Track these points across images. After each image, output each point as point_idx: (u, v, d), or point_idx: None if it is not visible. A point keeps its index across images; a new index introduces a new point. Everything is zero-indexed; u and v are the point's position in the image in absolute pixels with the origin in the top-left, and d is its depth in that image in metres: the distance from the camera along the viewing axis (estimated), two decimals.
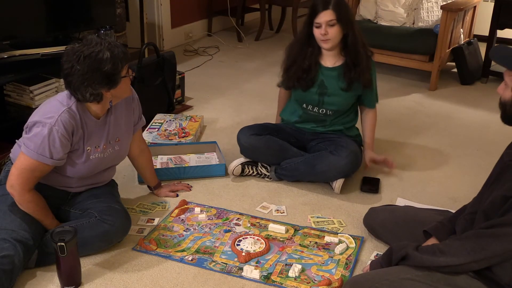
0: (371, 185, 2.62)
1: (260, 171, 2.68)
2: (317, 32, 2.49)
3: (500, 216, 1.58)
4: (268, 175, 2.67)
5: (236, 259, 2.08)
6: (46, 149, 1.91)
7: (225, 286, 1.94)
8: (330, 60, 2.59)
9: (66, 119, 1.93)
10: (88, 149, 2.06)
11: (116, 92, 2.00)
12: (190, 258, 2.08)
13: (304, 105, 2.66)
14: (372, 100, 2.70)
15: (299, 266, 2.01)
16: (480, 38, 4.48)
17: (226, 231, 2.26)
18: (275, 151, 2.62)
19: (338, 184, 2.53)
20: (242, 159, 2.70)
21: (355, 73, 2.54)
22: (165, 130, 3.11)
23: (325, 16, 2.45)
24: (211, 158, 2.88)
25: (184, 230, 2.27)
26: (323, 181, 2.62)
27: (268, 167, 2.67)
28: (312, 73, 2.57)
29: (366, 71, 2.56)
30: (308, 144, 2.70)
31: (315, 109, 2.64)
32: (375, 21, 4.35)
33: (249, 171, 2.69)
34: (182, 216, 2.37)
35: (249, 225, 2.31)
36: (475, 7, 4.25)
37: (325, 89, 2.59)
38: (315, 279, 1.98)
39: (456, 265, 1.59)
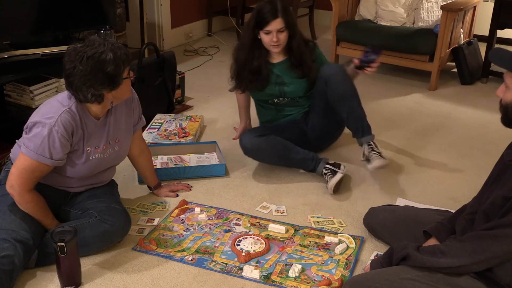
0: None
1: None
2: (267, 38, 2.61)
3: (501, 217, 1.57)
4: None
5: (236, 259, 2.08)
6: (46, 150, 1.91)
7: (225, 286, 1.94)
8: (276, 57, 2.73)
9: (66, 120, 1.93)
10: (88, 149, 2.06)
11: (117, 93, 2.00)
12: (190, 258, 2.08)
13: (270, 101, 2.78)
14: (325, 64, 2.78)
15: (299, 266, 2.01)
16: (480, 38, 4.47)
17: (226, 231, 2.26)
18: (279, 151, 2.64)
19: (331, 183, 2.52)
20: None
21: (304, 69, 2.69)
22: (165, 130, 3.11)
23: (276, 25, 2.57)
24: (211, 158, 2.88)
25: (184, 230, 2.27)
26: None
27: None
28: (263, 73, 2.69)
29: (313, 65, 2.70)
30: (307, 128, 2.79)
31: (281, 99, 2.76)
32: (375, 21, 4.35)
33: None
34: (182, 216, 2.37)
35: (249, 225, 2.31)
36: (475, 7, 4.25)
37: (282, 80, 2.71)
38: (315, 279, 1.98)
39: (457, 266, 1.59)
